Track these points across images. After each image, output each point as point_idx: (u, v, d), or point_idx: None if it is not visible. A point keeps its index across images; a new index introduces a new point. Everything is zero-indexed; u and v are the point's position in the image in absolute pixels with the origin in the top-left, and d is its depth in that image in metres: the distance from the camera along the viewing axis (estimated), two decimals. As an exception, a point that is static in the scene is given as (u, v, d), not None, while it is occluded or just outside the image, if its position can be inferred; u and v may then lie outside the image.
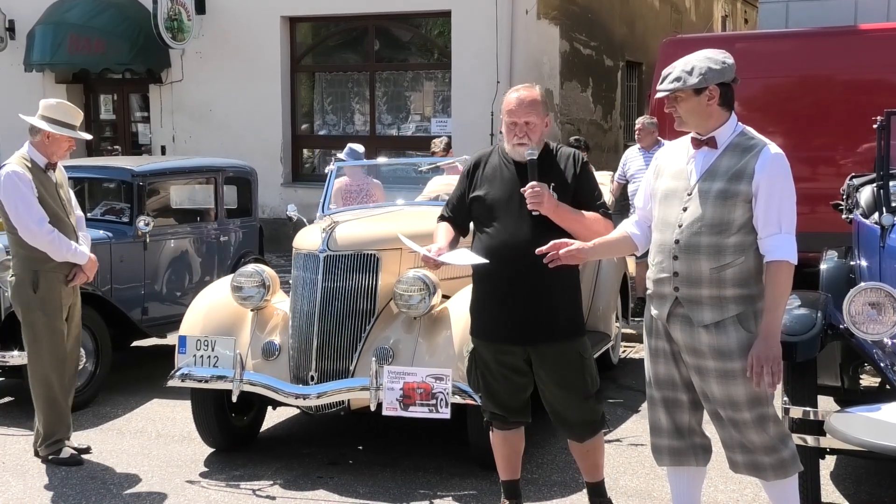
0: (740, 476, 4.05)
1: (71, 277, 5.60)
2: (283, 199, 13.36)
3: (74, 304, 5.75)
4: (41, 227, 5.46)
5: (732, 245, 3.67)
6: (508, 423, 4.46)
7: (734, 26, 21.65)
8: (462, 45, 13.31)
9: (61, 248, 5.52)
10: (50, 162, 5.62)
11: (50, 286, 5.57)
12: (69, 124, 5.60)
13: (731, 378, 3.68)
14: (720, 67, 3.70)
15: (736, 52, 4.22)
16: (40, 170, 5.59)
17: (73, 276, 5.61)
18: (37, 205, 5.48)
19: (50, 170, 5.62)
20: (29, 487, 5.32)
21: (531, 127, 4.17)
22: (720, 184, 3.67)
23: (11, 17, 15.51)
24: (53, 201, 5.58)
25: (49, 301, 5.58)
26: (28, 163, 5.57)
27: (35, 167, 5.57)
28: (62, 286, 5.59)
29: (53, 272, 5.56)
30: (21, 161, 5.57)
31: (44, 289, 5.56)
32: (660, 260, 3.81)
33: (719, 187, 3.67)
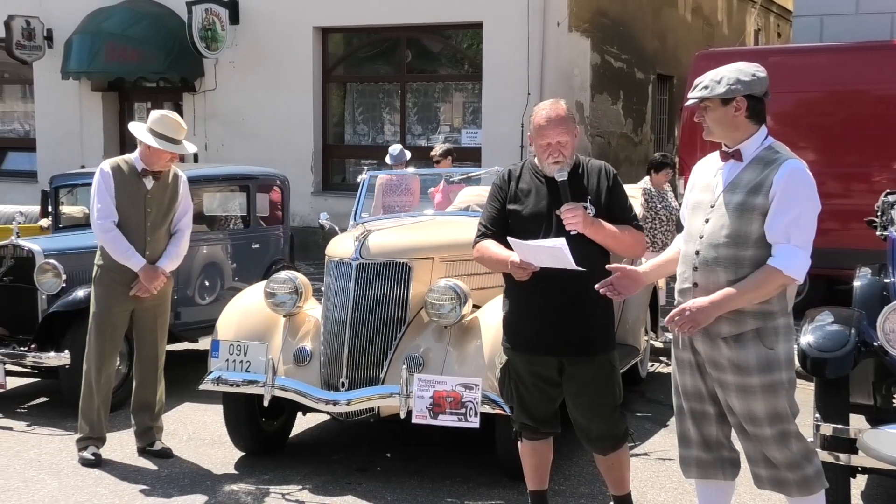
0: (769, 493, 4.04)
1: (133, 286, 5.68)
2: (314, 207, 13.45)
3: (144, 317, 5.80)
4: (102, 222, 5.65)
5: (750, 258, 3.67)
6: (538, 433, 4.49)
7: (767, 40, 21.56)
8: (493, 56, 13.35)
9: (115, 249, 5.64)
10: (148, 169, 5.73)
11: (103, 285, 5.72)
12: (170, 138, 5.68)
13: (749, 393, 3.69)
14: (749, 79, 3.71)
15: (769, 65, 4.23)
16: (135, 174, 5.72)
17: (136, 285, 5.68)
18: (107, 202, 5.65)
19: (147, 176, 5.73)
20: (63, 486, 5.40)
21: (563, 144, 4.18)
22: (739, 196, 3.69)
23: (50, 26, 15.74)
24: (133, 206, 5.69)
25: (100, 299, 5.74)
26: (127, 164, 5.75)
27: (131, 170, 5.73)
28: (119, 288, 5.68)
29: (110, 272, 5.69)
30: (118, 161, 5.81)
31: (98, 286, 5.74)
32: (682, 271, 3.85)
33: (738, 200, 3.68)
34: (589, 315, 4.24)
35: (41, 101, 16.21)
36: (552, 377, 4.32)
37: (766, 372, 3.67)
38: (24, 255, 6.97)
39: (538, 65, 13.08)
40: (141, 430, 5.91)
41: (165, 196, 5.81)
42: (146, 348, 5.87)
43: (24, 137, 17.26)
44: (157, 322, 5.87)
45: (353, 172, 14.67)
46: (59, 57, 15.25)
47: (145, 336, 5.86)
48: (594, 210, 4.17)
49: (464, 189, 7.73)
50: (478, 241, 4.35)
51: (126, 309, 5.76)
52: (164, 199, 5.81)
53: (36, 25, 15.64)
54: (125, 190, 5.69)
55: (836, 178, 9.58)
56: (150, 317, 5.83)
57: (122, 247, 5.64)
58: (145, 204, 5.73)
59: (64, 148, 15.15)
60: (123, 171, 5.73)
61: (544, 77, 13.11)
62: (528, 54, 12.98)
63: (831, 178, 9.26)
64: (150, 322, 5.84)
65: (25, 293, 6.91)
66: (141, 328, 5.84)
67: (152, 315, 5.84)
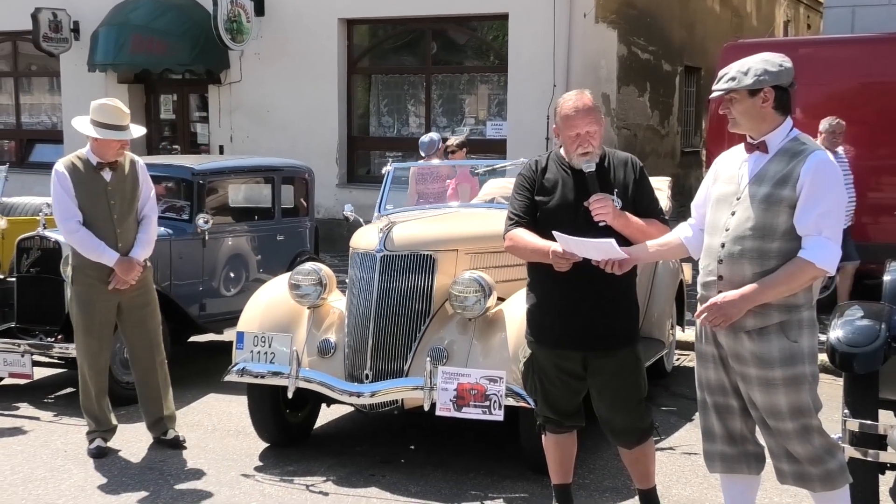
0: (795, 488, 4.00)
1: (111, 280, 5.65)
2: (338, 199, 13.46)
3: (131, 308, 5.77)
4: (66, 224, 5.61)
5: (776, 251, 3.63)
6: (562, 427, 4.47)
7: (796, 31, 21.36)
8: (519, 48, 13.29)
9: (85, 248, 5.60)
10: (102, 161, 5.69)
11: (82, 283, 5.69)
12: (114, 125, 5.61)
13: (772, 387, 3.65)
14: (776, 70, 3.67)
15: (799, 57, 4.18)
16: (91, 168, 5.67)
17: (113, 279, 5.65)
18: (68, 202, 5.60)
19: (104, 169, 5.68)
20: (89, 476, 5.44)
21: (592, 135, 4.14)
22: (766, 188, 3.65)
23: (76, 18, 15.82)
24: (93, 201, 5.63)
25: (80, 297, 5.71)
26: (81, 161, 5.69)
27: (87, 166, 5.67)
28: (98, 285, 5.65)
29: (85, 270, 5.66)
30: (70, 159, 5.73)
31: (77, 285, 5.71)
32: (706, 263, 3.81)
33: (765, 192, 3.65)
34: (614, 309, 4.21)
35: (68, 94, 16.31)
36: (577, 371, 4.29)
37: (789, 365, 3.64)
38: (50, 247, 7.00)
39: (564, 56, 12.99)
40: (151, 421, 5.93)
41: (126, 185, 5.74)
42: (138, 340, 5.85)
43: (52, 129, 17.37)
44: (145, 313, 5.82)
45: (377, 164, 14.65)
46: (85, 49, 15.33)
47: (135, 329, 5.83)
48: (621, 203, 4.13)
49: (489, 181, 7.71)
50: (509, 230, 4.28)
51: (110, 304, 5.71)
52: (126, 188, 5.74)
53: (63, 18, 15.72)
54: (84, 186, 5.63)
55: (867, 172, 9.47)
56: (136, 308, 5.79)
57: (92, 244, 5.59)
58: (108, 196, 5.66)
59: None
60: (79, 168, 5.66)
61: (570, 69, 13.03)
62: (555, 46, 12.90)
63: (862, 172, 9.16)
64: (137, 314, 5.80)
65: (52, 284, 6.94)
66: (129, 322, 5.81)
67: (138, 306, 5.80)
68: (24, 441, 6.07)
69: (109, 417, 5.86)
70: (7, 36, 17.35)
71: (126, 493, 5.18)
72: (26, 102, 17.88)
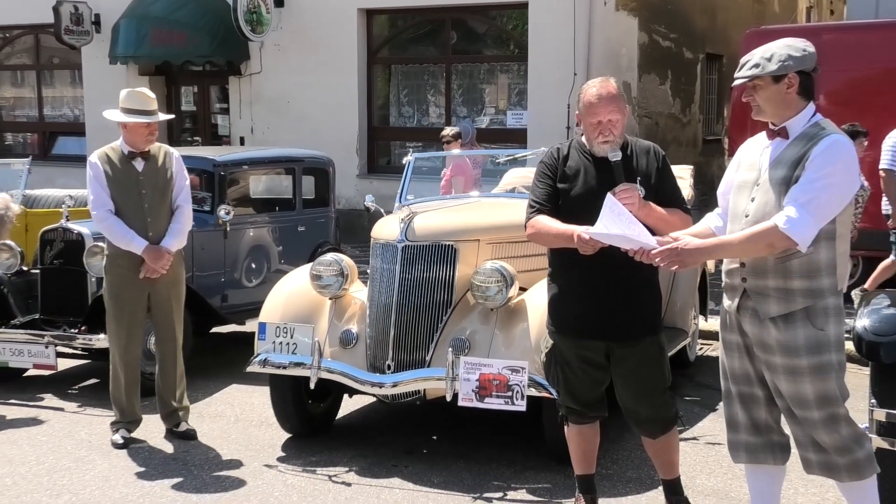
0: (822, 479, 3.97)
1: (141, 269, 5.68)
2: (359, 190, 13.48)
3: (159, 298, 5.80)
4: (97, 212, 5.69)
5: None
6: (585, 417, 4.45)
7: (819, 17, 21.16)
8: (539, 37, 13.23)
9: (115, 236, 5.67)
10: (134, 150, 5.73)
11: (114, 272, 5.76)
12: (141, 111, 5.70)
13: (798, 375, 3.62)
14: (800, 55, 3.62)
15: (822, 43, 4.13)
16: (124, 159, 5.74)
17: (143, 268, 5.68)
18: (100, 191, 5.67)
19: (136, 159, 5.74)
20: (113, 466, 5.47)
21: (614, 123, 4.12)
22: (782, 171, 3.61)
23: (97, 10, 15.89)
24: (127, 190, 5.69)
25: (111, 286, 5.78)
26: (114, 151, 5.77)
27: (120, 156, 5.75)
28: (128, 274, 5.69)
29: (117, 259, 5.72)
30: (104, 150, 5.82)
31: (109, 274, 5.78)
32: None
33: (780, 175, 3.61)
34: (636, 298, 4.19)
35: (90, 86, 16.39)
36: (599, 361, 4.27)
37: (815, 353, 3.60)
38: (73, 238, 7.04)
39: (584, 45, 12.92)
40: (166, 412, 5.95)
41: (159, 175, 5.79)
42: (163, 330, 5.89)
43: (74, 122, 17.48)
44: (171, 304, 5.86)
45: (398, 155, 14.66)
46: (106, 42, 15.39)
47: (162, 318, 5.86)
48: (644, 191, 4.10)
49: (509, 171, 7.68)
50: (531, 218, 4.25)
51: (141, 293, 5.76)
52: (159, 178, 5.78)
53: (84, 11, 15.79)
54: (117, 176, 5.70)
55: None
56: (165, 298, 5.83)
57: (122, 232, 5.64)
58: (139, 186, 5.71)
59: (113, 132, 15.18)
60: (112, 159, 5.74)
61: (591, 57, 12.96)
62: (575, 34, 12.83)
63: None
64: (164, 304, 5.83)
65: (75, 276, 6.99)
66: (157, 310, 5.84)
67: (167, 296, 5.83)
68: (49, 432, 6.11)
69: (136, 409, 5.89)
70: (29, 29, 17.46)
71: (149, 483, 5.21)
72: (48, 95, 17.99)
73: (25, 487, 5.17)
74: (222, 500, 4.99)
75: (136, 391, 5.87)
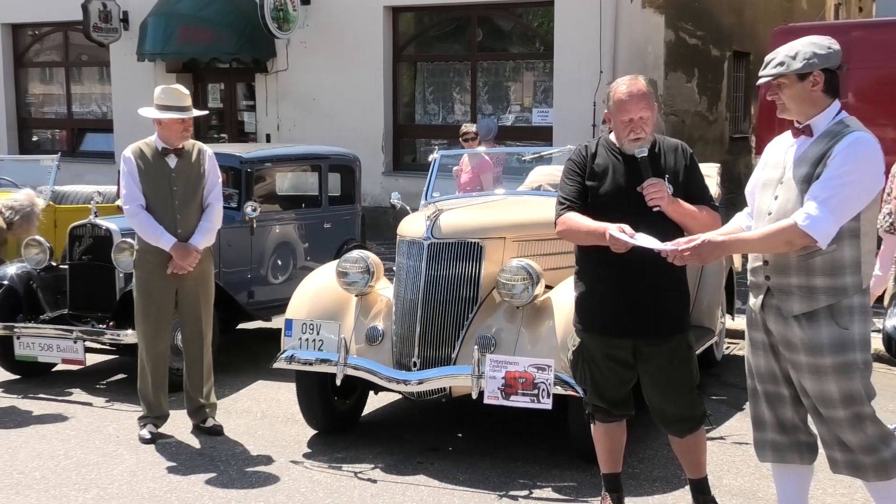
0: (850, 479, 3.94)
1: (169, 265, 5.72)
2: (384, 187, 13.49)
3: (187, 295, 5.83)
4: (128, 207, 5.74)
5: None
6: (611, 415, 4.43)
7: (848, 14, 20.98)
8: (565, 34, 13.19)
9: (144, 231, 5.72)
10: (168, 147, 5.77)
11: (142, 267, 5.81)
12: (174, 107, 5.74)
13: (822, 374, 3.60)
14: (825, 52, 3.61)
15: (850, 40, 4.11)
16: (158, 154, 5.78)
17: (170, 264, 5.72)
18: (132, 186, 5.73)
19: (169, 155, 5.78)
20: (141, 461, 5.51)
21: (645, 121, 4.11)
22: (804, 169, 3.60)
23: (125, 8, 16.00)
24: (158, 186, 5.73)
25: (140, 282, 5.84)
26: (148, 147, 5.82)
27: (153, 152, 5.80)
28: (157, 270, 5.73)
29: (146, 255, 5.77)
30: (139, 145, 5.87)
31: (139, 270, 5.85)
32: None
33: (803, 172, 3.60)
34: (664, 297, 4.17)
35: (118, 83, 16.51)
36: (626, 359, 4.26)
37: (840, 352, 3.58)
38: (102, 234, 7.10)
39: (611, 42, 12.87)
40: (192, 408, 5.98)
41: (191, 172, 5.82)
42: (190, 326, 5.92)
43: (102, 119, 17.61)
44: (199, 300, 5.88)
45: (423, 152, 14.66)
46: (134, 39, 15.49)
47: (189, 315, 5.89)
48: (672, 188, 4.09)
49: (535, 168, 7.67)
50: (561, 215, 4.24)
51: (168, 290, 5.79)
52: (191, 175, 5.82)
53: (112, 8, 15.90)
54: (149, 172, 5.74)
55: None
56: (193, 295, 5.86)
57: (151, 228, 5.68)
58: (171, 182, 5.75)
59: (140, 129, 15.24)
60: (146, 154, 5.79)
61: (617, 55, 12.90)
62: (601, 32, 12.78)
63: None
64: (192, 300, 5.86)
65: (103, 271, 7.04)
66: (184, 307, 5.88)
67: (194, 293, 5.86)
68: (77, 426, 6.16)
69: (163, 405, 5.93)
70: (58, 26, 17.60)
71: (176, 478, 5.24)
72: (77, 92, 18.13)
73: (54, 481, 5.21)
74: (249, 495, 5.02)
75: (163, 386, 5.91)
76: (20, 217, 6.42)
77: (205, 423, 5.96)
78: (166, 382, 5.95)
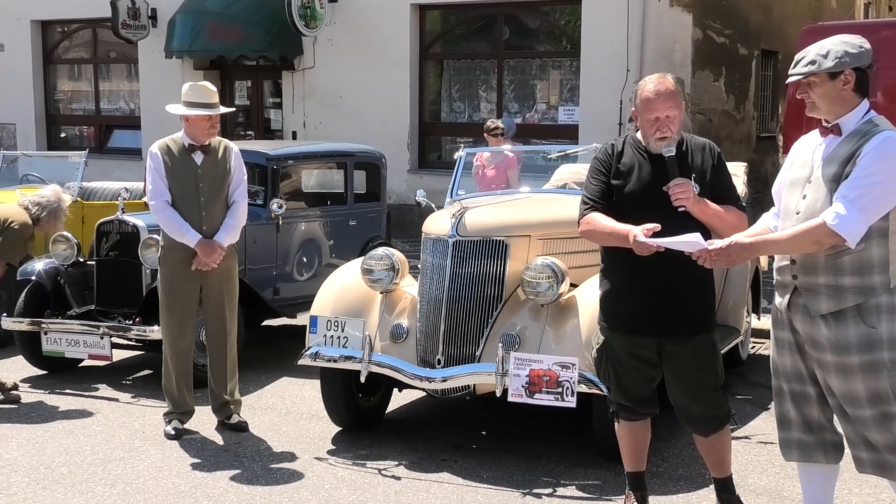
0: (877, 479, 3.91)
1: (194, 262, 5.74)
2: (410, 185, 13.49)
3: (211, 292, 5.85)
4: (153, 203, 5.76)
5: None
6: (636, 413, 4.42)
7: (877, 13, 20.79)
8: (591, 32, 13.15)
9: (170, 227, 5.74)
10: (194, 143, 5.80)
11: (167, 264, 5.84)
12: (202, 103, 5.76)
13: (849, 373, 3.59)
14: (857, 52, 3.60)
15: (880, 39, 4.09)
16: (184, 151, 5.81)
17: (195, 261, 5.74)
18: (158, 182, 5.75)
19: (195, 151, 5.80)
20: (166, 457, 5.54)
21: (672, 119, 4.09)
22: (833, 168, 3.59)
23: (154, 5, 16.09)
24: (184, 182, 5.76)
25: (165, 278, 5.86)
26: (175, 143, 5.84)
27: (180, 148, 5.82)
28: (181, 266, 5.75)
29: (171, 251, 5.79)
30: (165, 141, 5.90)
31: (163, 266, 5.87)
32: None
33: (832, 172, 3.59)
34: (689, 296, 4.15)
35: (145, 80, 16.61)
36: (651, 358, 4.25)
37: (867, 351, 3.56)
38: (129, 231, 7.15)
39: (638, 41, 12.82)
40: (217, 404, 6.00)
41: (217, 169, 5.83)
42: (213, 323, 5.93)
43: (130, 115, 17.73)
44: (223, 297, 5.89)
45: (449, 150, 14.66)
46: (162, 36, 15.58)
47: (212, 311, 5.91)
48: (699, 188, 4.07)
49: (561, 166, 7.65)
50: (585, 215, 4.23)
51: (193, 286, 5.81)
52: (217, 172, 5.83)
53: (140, 5, 16.00)
54: (176, 168, 5.76)
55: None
56: (217, 292, 5.87)
57: (177, 224, 5.70)
58: (197, 179, 5.77)
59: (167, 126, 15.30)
60: (172, 150, 5.81)
61: (644, 53, 12.85)
62: (628, 30, 12.73)
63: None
64: (216, 297, 5.88)
65: (130, 267, 7.09)
66: (208, 304, 5.89)
67: (218, 290, 5.87)
68: (103, 422, 6.21)
69: (188, 400, 5.96)
70: (87, 23, 17.73)
71: (202, 474, 5.27)
72: (105, 89, 18.26)
73: (80, 476, 5.26)
74: (273, 492, 5.04)
75: (187, 382, 5.94)
76: (47, 213, 6.47)
77: (229, 420, 5.99)
78: (191, 378, 5.98)
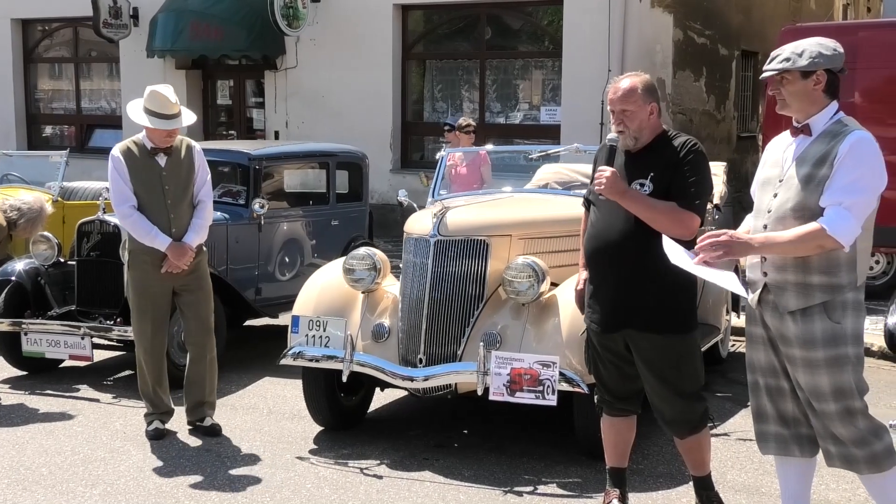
0: (854, 475, 3.96)
1: (164, 264, 5.69)
2: (392, 185, 13.49)
3: (186, 293, 5.82)
4: (120, 208, 5.71)
5: None
6: (615, 408, 4.48)
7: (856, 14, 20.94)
8: (573, 33, 13.19)
9: (138, 232, 5.67)
10: (156, 147, 5.74)
11: (136, 267, 5.77)
12: (161, 114, 5.63)
13: (815, 367, 3.66)
14: (830, 54, 3.70)
15: (858, 40, 4.15)
16: (147, 153, 5.74)
17: (165, 263, 5.69)
18: (122, 187, 5.68)
19: (158, 154, 5.74)
20: (147, 457, 5.54)
21: (627, 114, 4.18)
22: (805, 169, 3.65)
23: (135, 4, 16.01)
24: (148, 186, 5.70)
25: (135, 281, 5.80)
26: (137, 146, 5.77)
27: (142, 151, 5.75)
28: (152, 269, 5.71)
29: (140, 255, 5.74)
30: (127, 144, 5.82)
31: (133, 269, 5.80)
32: None
33: (804, 172, 3.65)
34: (642, 292, 4.18)
35: (127, 79, 16.52)
36: (621, 353, 4.33)
37: (831, 346, 3.64)
38: (110, 231, 7.11)
39: (619, 41, 12.86)
40: (192, 403, 5.96)
41: (181, 170, 5.78)
42: (190, 324, 5.91)
43: (111, 115, 17.64)
44: (198, 297, 5.86)
45: (431, 150, 14.67)
46: (144, 35, 15.50)
47: (188, 312, 5.88)
48: (650, 188, 4.13)
49: (542, 167, 7.68)
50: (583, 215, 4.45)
51: (164, 288, 5.77)
52: (181, 173, 5.78)
53: (122, 4, 15.92)
54: (139, 171, 5.69)
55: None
56: (190, 293, 5.84)
57: (146, 228, 5.64)
58: (162, 181, 5.71)
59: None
60: (134, 153, 5.73)
61: (625, 54, 12.89)
62: (610, 31, 12.77)
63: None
64: (190, 298, 5.85)
65: (111, 267, 7.06)
66: (184, 305, 5.87)
67: (192, 290, 5.84)
68: (84, 423, 6.19)
69: (165, 401, 5.94)
70: (68, 22, 17.64)
71: (183, 475, 5.27)
72: (86, 88, 18.16)
73: (61, 477, 5.25)
74: (255, 491, 5.04)
75: (162, 383, 5.91)
76: (25, 220, 6.43)
77: (202, 422, 5.95)
78: (165, 379, 5.95)
